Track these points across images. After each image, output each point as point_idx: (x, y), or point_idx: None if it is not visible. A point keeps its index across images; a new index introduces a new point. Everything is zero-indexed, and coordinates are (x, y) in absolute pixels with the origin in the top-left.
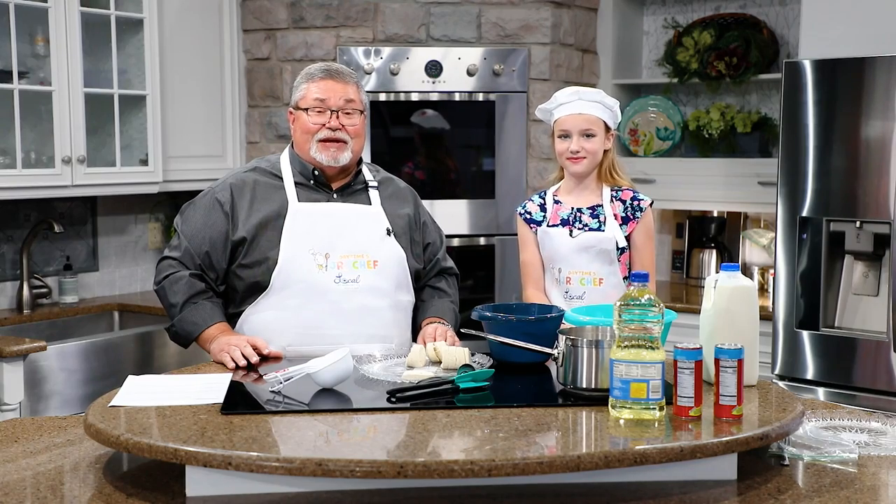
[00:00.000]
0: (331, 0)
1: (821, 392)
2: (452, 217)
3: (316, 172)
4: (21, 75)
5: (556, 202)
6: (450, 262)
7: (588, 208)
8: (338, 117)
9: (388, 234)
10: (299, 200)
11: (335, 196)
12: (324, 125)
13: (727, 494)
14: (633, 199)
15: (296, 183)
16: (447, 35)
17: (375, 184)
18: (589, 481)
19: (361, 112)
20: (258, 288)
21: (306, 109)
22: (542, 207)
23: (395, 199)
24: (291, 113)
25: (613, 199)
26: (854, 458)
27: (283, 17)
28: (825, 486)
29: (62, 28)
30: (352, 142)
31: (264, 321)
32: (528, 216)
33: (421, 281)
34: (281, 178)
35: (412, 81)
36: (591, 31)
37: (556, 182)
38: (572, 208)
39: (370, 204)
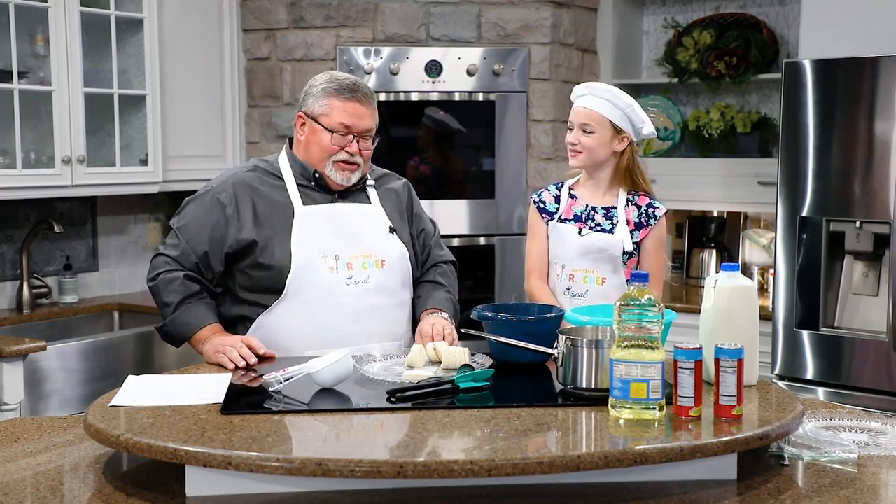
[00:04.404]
0: (331, 0)
1: (821, 392)
2: (452, 217)
3: (317, 175)
4: (21, 75)
5: (572, 196)
6: (444, 251)
7: (603, 208)
8: (357, 143)
9: (391, 231)
10: (303, 203)
11: (336, 197)
12: (343, 149)
13: (727, 494)
14: (648, 205)
15: (297, 184)
16: (447, 35)
17: (373, 182)
18: (589, 481)
19: (377, 135)
20: (267, 289)
21: (330, 131)
22: (557, 199)
23: (391, 196)
24: (303, 119)
25: (629, 202)
26: (854, 458)
27: (283, 17)
28: (825, 486)
29: (62, 28)
30: (363, 164)
31: (283, 327)
32: (541, 205)
33: (419, 272)
34: (282, 179)
35: (412, 81)
36: (590, 31)
37: (576, 175)
38: (587, 205)
39: (370, 203)
